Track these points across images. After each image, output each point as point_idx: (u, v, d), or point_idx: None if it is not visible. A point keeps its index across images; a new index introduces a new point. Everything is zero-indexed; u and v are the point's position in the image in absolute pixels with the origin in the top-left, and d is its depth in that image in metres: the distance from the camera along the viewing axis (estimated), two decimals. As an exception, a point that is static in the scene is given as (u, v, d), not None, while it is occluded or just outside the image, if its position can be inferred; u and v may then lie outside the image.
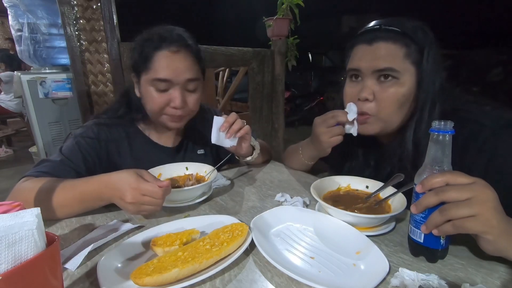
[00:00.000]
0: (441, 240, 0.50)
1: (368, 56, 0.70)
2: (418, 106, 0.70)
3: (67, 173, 0.76)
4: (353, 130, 0.75)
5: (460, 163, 0.65)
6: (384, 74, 0.69)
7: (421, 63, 0.68)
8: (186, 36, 0.84)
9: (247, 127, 0.85)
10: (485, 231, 0.45)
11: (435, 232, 0.48)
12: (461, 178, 0.46)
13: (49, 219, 0.68)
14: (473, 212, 0.44)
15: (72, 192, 0.67)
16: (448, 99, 0.70)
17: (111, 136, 0.88)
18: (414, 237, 0.52)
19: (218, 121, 0.81)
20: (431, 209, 0.48)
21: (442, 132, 0.48)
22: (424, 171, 0.51)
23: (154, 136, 0.95)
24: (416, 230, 0.51)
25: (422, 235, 0.51)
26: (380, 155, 0.84)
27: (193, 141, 1.03)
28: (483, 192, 0.45)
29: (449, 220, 0.46)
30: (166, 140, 0.97)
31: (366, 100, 0.71)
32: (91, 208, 0.69)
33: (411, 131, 0.71)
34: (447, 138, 0.48)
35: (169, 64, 0.80)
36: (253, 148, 0.95)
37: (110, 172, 0.65)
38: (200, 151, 1.03)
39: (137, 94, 0.88)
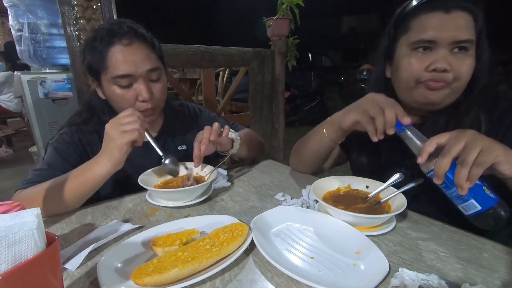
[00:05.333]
0: (487, 192, 0.53)
1: (447, 26, 0.65)
2: (470, 82, 0.69)
3: (57, 176, 0.76)
4: None
5: (496, 134, 0.67)
6: (461, 46, 0.65)
7: (481, 38, 0.68)
8: (136, 27, 0.82)
9: (206, 139, 0.79)
10: (496, 156, 0.50)
11: (467, 184, 0.51)
12: (444, 136, 0.55)
13: (63, 212, 0.72)
14: (479, 147, 0.50)
15: (73, 177, 0.72)
16: (492, 76, 0.72)
17: (84, 140, 0.87)
18: (471, 212, 0.55)
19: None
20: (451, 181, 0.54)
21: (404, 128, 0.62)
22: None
23: None
24: (466, 203, 0.55)
25: (476, 203, 0.54)
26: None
27: (172, 136, 1.00)
28: (466, 132, 0.53)
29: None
30: None
31: (444, 71, 0.66)
32: (94, 185, 0.72)
33: (466, 104, 0.70)
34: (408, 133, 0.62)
35: (126, 57, 0.78)
36: (233, 141, 0.92)
37: None
38: (181, 147, 1.01)
39: (102, 96, 0.87)
